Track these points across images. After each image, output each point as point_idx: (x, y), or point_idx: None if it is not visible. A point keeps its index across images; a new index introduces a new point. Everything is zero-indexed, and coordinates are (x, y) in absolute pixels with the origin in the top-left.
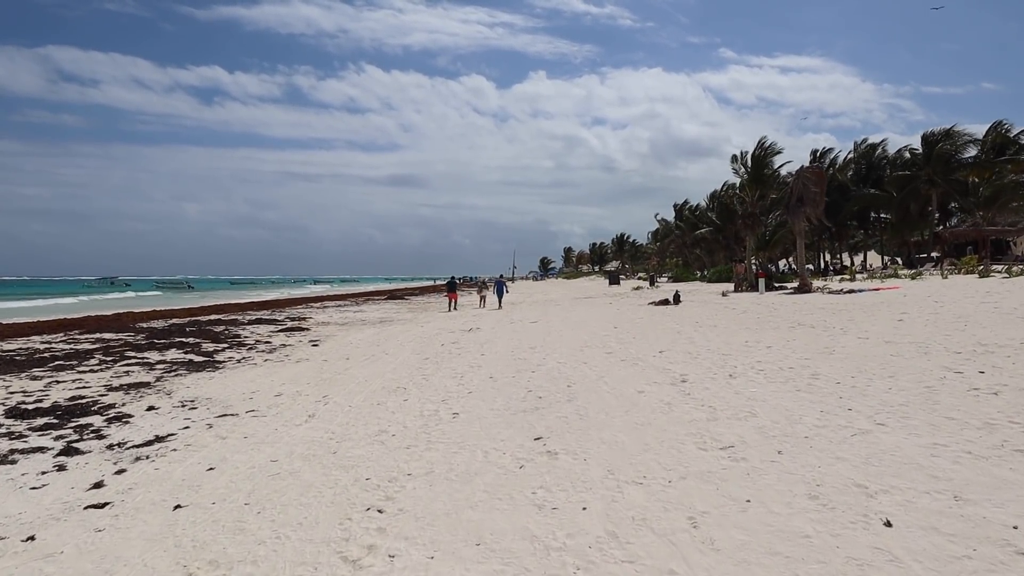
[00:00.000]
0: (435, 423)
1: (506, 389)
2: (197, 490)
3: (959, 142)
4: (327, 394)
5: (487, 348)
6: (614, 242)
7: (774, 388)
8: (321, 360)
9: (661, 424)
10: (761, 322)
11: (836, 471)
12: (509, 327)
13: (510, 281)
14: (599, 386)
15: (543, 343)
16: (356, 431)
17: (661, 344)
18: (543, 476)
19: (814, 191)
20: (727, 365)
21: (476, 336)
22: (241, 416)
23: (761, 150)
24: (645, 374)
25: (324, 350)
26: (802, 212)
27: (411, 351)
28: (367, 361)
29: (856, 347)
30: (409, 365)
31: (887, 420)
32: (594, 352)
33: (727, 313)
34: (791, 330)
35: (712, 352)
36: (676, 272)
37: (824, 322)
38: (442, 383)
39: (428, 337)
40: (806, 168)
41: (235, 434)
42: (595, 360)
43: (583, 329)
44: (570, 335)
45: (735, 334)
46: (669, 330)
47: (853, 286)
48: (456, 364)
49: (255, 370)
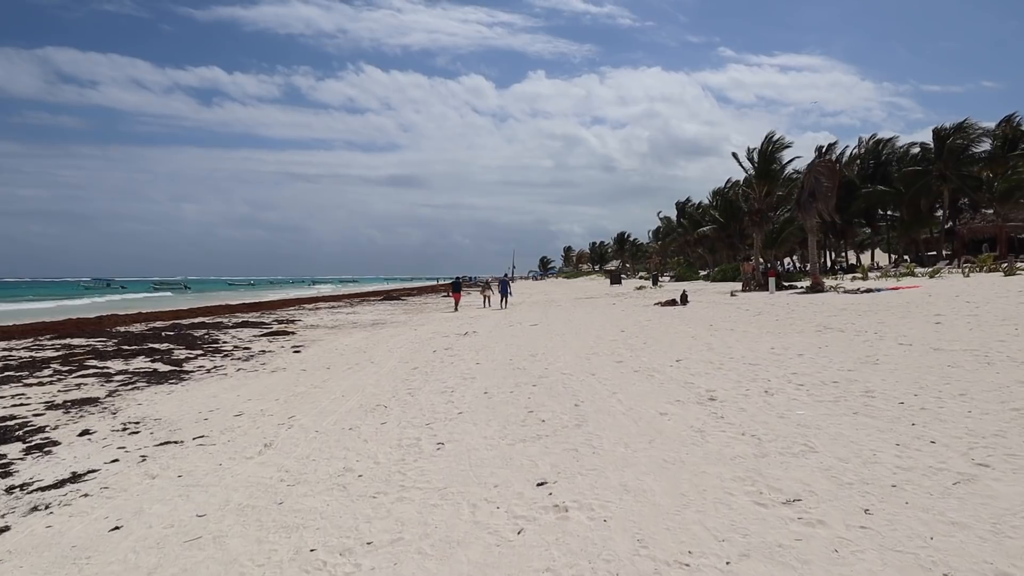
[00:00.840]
0: (414, 457)
1: (503, 408)
2: (81, 567)
3: (971, 136)
4: (294, 414)
5: (483, 355)
6: (615, 241)
7: (824, 410)
8: (299, 370)
9: (695, 461)
10: (782, 325)
11: (961, 548)
12: (508, 330)
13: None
14: (612, 405)
15: (545, 349)
16: (316, 468)
17: (677, 351)
18: (549, 549)
19: (827, 186)
20: (758, 378)
21: (472, 341)
22: (186, 444)
23: (769, 144)
24: (665, 389)
25: (305, 357)
26: (814, 208)
27: (399, 359)
28: (349, 371)
29: (901, 355)
30: (395, 376)
31: (990, 459)
32: (602, 361)
33: (741, 315)
34: (819, 334)
35: (737, 361)
36: (679, 271)
37: (852, 325)
38: (429, 400)
39: (420, 342)
40: (818, 162)
41: (169, 471)
42: (605, 371)
43: (588, 333)
44: (574, 340)
45: (757, 339)
46: (682, 334)
47: (870, 285)
48: (447, 375)
49: (223, 382)
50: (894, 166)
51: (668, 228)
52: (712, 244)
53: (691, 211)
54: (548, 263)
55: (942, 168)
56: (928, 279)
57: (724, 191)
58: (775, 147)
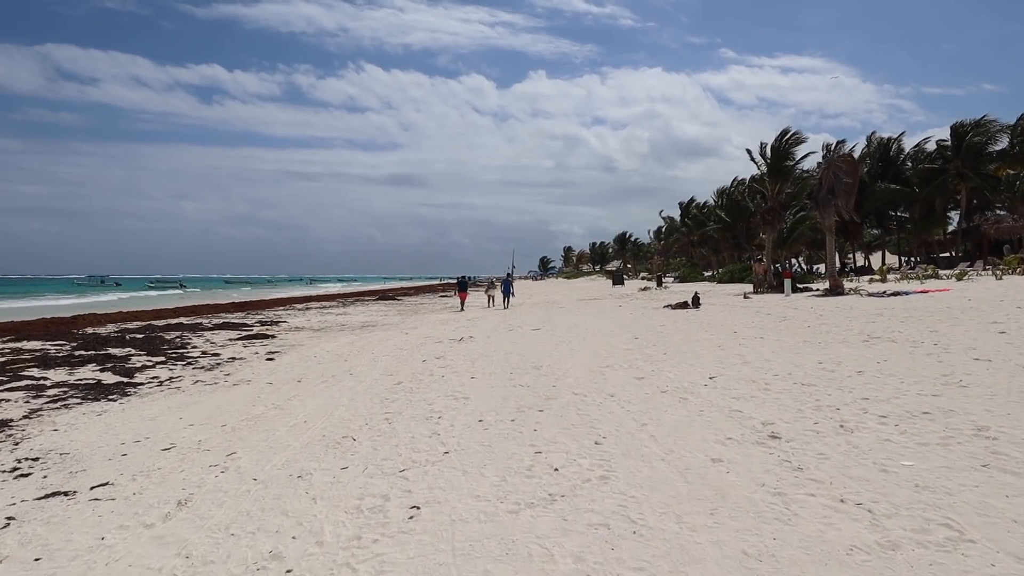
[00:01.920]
0: (374, 534)
1: (501, 446)
2: None
3: (991, 132)
4: (236, 450)
5: (479, 367)
6: (616, 241)
7: (938, 459)
8: (265, 383)
9: (794, 557)
10: (817, 332)
11: None
12: (507, 336)
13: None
14: (645, 444)
15: (550, 360)
16: (229, 553)
17: (706, 364)
18: None
19: (847, 182)
20: (822, 405)
21: (467, 348)
22: (77, 498)
23: (783, 140)
24: (707, 420)
25: (278, 367)
26: (833, 205)
27: (383, 370)
28: (322, 386)
29: (987, 375)
30: (374, 393)
31: None
32: (620, 376)
33: (764, 320)
34: (868, 345)
35: (784, 380)
36: (683, 272)
37: (900, 334)
38: (409, 431)
39: (410, 349)
40: (838, 156)
41: (26, 550)
42: (625, 390)
43: (597, 340)
44: (583, 348)
45: (797, 351)
46: (706, 343)
47: (895, 287)
48: (436, 393)
49: (171, 399)
50: (907, 164)
51: (671, 228)
52: (716, 244)
53: (695, 211)
54: (548, 263)
55: (960, 166)
56: (955, 281)
57: (730, 190)
58: (789, 143)
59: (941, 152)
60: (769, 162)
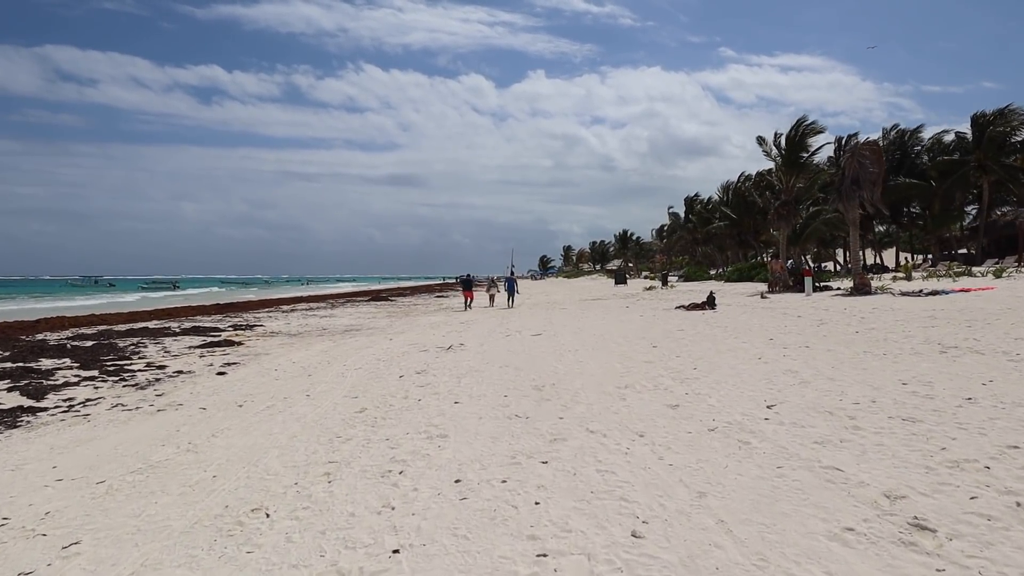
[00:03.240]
0: None
1: (484, 540)
2: None
3: (1013, 123)
4: (80, 538)
5: (467, 386)
6: (617, 239)
7: None
8: (197, 408)
9: None
10: (872, 340)
11: None
12: (503, 343)
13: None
14: (716, 544)
15: (555, 376)
16: None
17: (753, 384)
18: None
19: (873, 171)
20: (957, 459)
21: (456, 359)
22: None
23: (799, 130)
24: (797, 487)
25: (225, 384)
26: (857, 197)
27: (349, 389)
28: (264, 414)
29: None
30: (325, 427)
31: None
32: (647, 402)
33: (796, 323)
34: (950, 359)
35: (871, 411)
36: (688, 270)
37: (979, 342)
38: (351, 499)
39: (389, 360)
40: (862, 144)
41: None
42: (658, 427)
43: (609, 349)
44: (594, 361)
45: (862, 365)
46: (742, 354)
47: (931, 286)
48: (404, 428)
49: (65, 433)
50: (921, 157)
51: (673, 226)
52: (720, 242)
53: (700, 207)
54: (548, 262)
55: (981, 158)
56: (994, 279)
57: (736, 185)
58: (805, 132)
59: (961, 144)
60: (784, 153)
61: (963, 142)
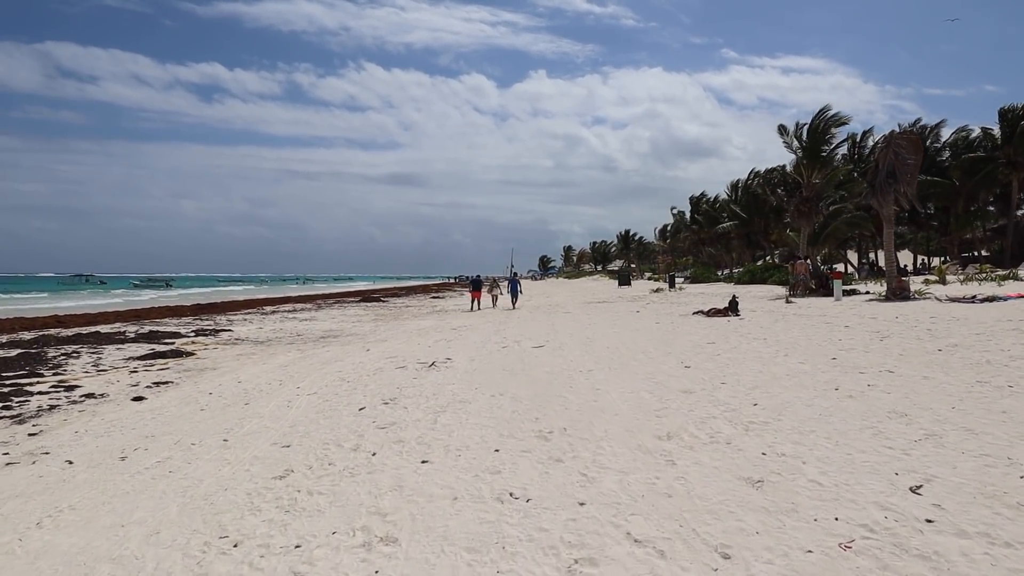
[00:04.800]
0: None
1: None
2: None
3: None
4: None
5: (443, 430)
6: (619, 239)
7: None
8: (63, 461)
9: None
10: (972, 365)
11: None
12: (499, 358)
13: (503, 280)
14: None
15: (565, 415)
16: None
17: (856, 440)
18: None
19: (911, 163)
20: None
21: (438, 382)
22: None
23: (821, 121)
24: None
25: (131, 417)
26: (893, 192)
27: (283, 432)
28: (143, 477)
29: None
30: (214, 509)
31: None
32: (708, 473)
33: (850, 336)
34: None
35: None
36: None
37: None
38: None
39: (355, 380)
40: (898, 134)
41: None
42: (748, 538)
43: (631, 368)
44: (614, 388)
45: (990, 404)
46: (807, 380)
47: (987, 290)
48: (332, 523)
49: None
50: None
51: (678, 225)
52: (727, 242)
53: (706, 206)
54: (548, 262)
55: (1011, 154)
56: None
57: (746, 183)
58: (829, 123)
59: (988, 140)
60: (805, 145)
61: (989, 138)
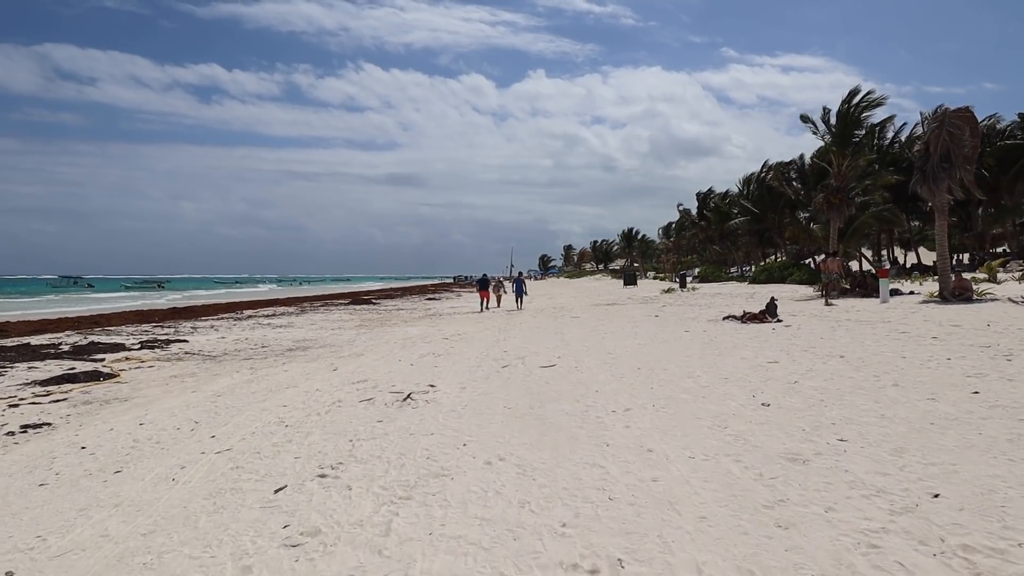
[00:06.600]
0: None
1: None
2: None
3: None
4: None
5: (396, 559)
6: (622, 238)
7: None
8: None
9: None
10: None
11: None
12: (497, 384)
13: (507, 280)
14: None
15: (611, 517)
16: None
17: None
18: None
19: (967, 145)
20: None
21: (409, 431)
22: None
23: (851, 104)
24: None
25: None
26: (947, 178)
27: (128, 545)
28: None
29: None
30: None
31: None
32: None
33: (945, 349)
34: None
35: None
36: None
37: None
38: None
39: (295, 426)
40: (952, 112)
41: None
42: None
43: (686, 406)
44: (670, 445)
45: None
46: (969, 432)
47: None
48: None
49: None
50: None
51: (683, 223)
52: (736, 240)
53: (715, 202)
54: (548, 262)
55: None
56: None
57: (759, 176)
58: (862, 107)
59: (1020, 129)
60: (835, 130)
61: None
